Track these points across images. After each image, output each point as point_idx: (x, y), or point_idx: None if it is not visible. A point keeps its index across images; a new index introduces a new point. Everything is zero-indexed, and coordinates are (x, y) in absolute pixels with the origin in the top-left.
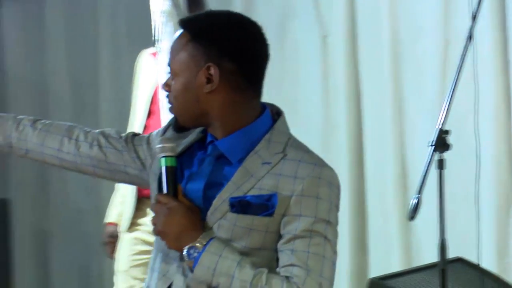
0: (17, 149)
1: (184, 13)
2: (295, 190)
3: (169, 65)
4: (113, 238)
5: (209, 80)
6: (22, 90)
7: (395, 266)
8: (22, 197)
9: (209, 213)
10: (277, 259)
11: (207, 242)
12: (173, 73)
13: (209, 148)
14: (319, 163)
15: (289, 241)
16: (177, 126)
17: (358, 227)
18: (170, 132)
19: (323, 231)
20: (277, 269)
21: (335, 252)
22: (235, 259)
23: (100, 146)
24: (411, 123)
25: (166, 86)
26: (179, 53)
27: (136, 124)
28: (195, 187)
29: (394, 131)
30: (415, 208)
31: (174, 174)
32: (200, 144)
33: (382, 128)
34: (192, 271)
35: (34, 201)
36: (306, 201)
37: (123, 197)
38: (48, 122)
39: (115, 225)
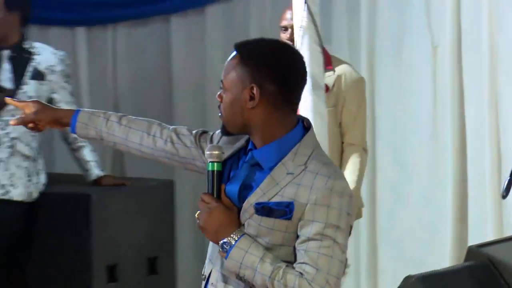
0: (106, 141)
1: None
2: (310, 199)
3: (221, 80)
4: None
5: (251, 97)
6: (185, 94)
7: (490, 237)
8: (186, 179)
9: (240, 213)
10: (295, 254)
11: (238, 239)
12: (224, 88)
13: (248, 155)
14: (333, 176)
15: (303, 242)
16: (225, 132)
17: (460, 203)
18: (218, 137)
19: (333, 235)
20: (294, 265)
21: (343, 252)
22: (259, 256)
23: (172, 142)
24: (505, 119)
25: (219, 97)
26: (230, 72)
27: None
28: (233, 188)
29: (491, 126)
30: (508, 188)
31: (218, 177)
32: (245, 150)
33: (481, 123)
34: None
35: (195, 183)
36: (318, 209)
37: None
38: (132, 118)
39: None
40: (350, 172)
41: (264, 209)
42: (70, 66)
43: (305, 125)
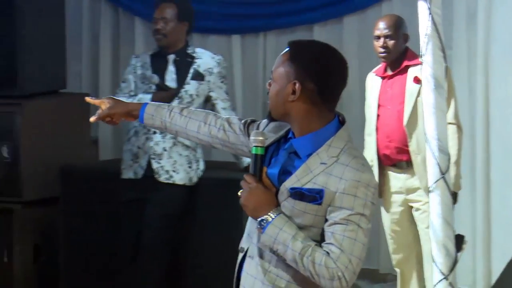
0: (169, 130)
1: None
2: (339, 188)
3: (272, 71)
4: None
5: (293, 92)
6: None
7: None
8: None
9: (278, 194)
10: (323, 235)
11: (275, 217)
12: (273, 79)
13: (288, 143)
14: (361, 169)
15: (330, 225)
16: (270, 117)
17: None
18: (264, 125)
19: (357, 221)
20: (322, 244)
21: (366, 236)
22: (291, 234)
23: (224, 130)
24: None
25: (268, 85)
26: (279, 66)
27: (370, 117)
28: (273, 172)
29: None
30: None
31: (260, 160)
32: (286, 138)
33: None
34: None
35: None
36: (346, 198)
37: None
38: (192, 110)
39: None
40: (450, 147)
41: (297, 194)
42: (226, 69)
43: (340, 120)
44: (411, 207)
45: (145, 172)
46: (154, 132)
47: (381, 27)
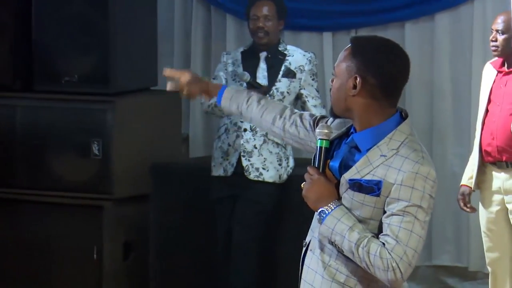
0: (244, 116)
1: None
2: (397, 179)
3: (334, 67)
4: (463, 196)
5: (354, 86)
6: (416, 92)
7: None
8: None
9: (338, 186)
10: (381, 229)
11: (334, 208)
12: (335, 74)
13: (349, 137)
14: (420, 161)
15: (387, 216)
16: (332, 113)
17: None
18: (331, 121)
19: (414, 213)
20: (379, 236)
21: (423, 228)
22: (348, 225)
23: (296, 125)
24: None
25: (332, 81)
26: (341, 62)
27: (480, 109)
28: (334, 164)
29: None
30: None
31: (325, 153)
32: (349, 134)
33: None
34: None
35: None
36: (404, 189)
37: (473, 164)
38: (269, 100)
39: (466, 186)
40: None
41: (355, 185)
42: (317, 66)
43: (403, 115)
44: (508, 208)
45: (235, 170)
46: (245, 130)
47: (498, 21)
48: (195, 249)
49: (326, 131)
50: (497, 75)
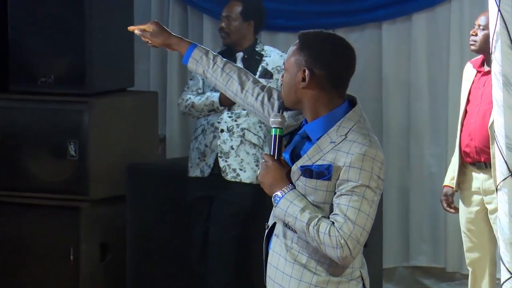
0: (209, 80)
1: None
2: (346, 162)
3: (284, 62)
4: (446, 197)
5: (303, 79)
6: (393, 92)
7: None
8: (392, 163)
9: (291, 175)
10: None
11: (287, 192)
12: (285, 69)
13: (301, 129)
14: (367, 144)
15: (337, 197)
16: (283, 107)
17: None
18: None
19: (362, 192)
20: (330, 216)
21: (371, 207)
22: (300, 206)
23: (262, 102)
24: None
25: (282, 77)
26: (290, 56)
27: (460, 110)
28: (285, 156)
29: None
30: None
31: (279, 141)
32: (300, 126)
33: None
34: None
35: (400, 166)
36: (352, 171)
37: (454, 165)
38: (232, 67)
39: (448, 187)
40: None
41: (306, 171)
42: None
43: (353, 104)
44: (487, 208)
45: (212, 171)
46: (222, 131)
47: (481, 16)
48: (172, 250)
49: (279, 119)
50: (476, 75)
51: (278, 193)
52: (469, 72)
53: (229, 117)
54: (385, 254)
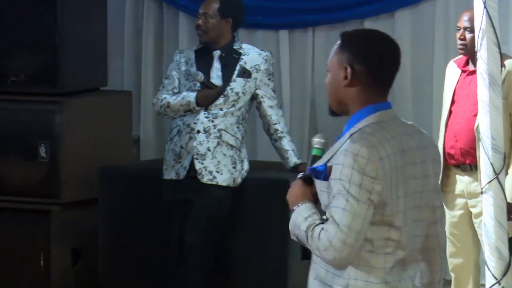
0: None
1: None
2: (333, 160)
3: (327, 62)
4: None
5: (346, 77)
6: None
7: None
8: None
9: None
10: None
11: (299, 206)
12: (328, 70)
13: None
14: (355, 140)
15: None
16: (331, 111)
17: None
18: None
19: (346, 190)
20: None
21: (358, 206)
22: (304, 216)
23: None
24: None
25: (327, 79)
26: (332, 56)
27: (444, 110)
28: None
29: None
30: None
31: (313, 160)
32: None
33: None
34: None
35: None
36: (336, 168)
37: None
38: None
39: None
40: None
41: (313, 172)
42: (273, 65)
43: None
44: (472, 212)
45: (187, 173)
46: (198, 132)
47: (464, 18)
48: (147, 254)
49: (323, 140)
50: (461, 75)
51: (294, 207)
52: (453, 71)
53: (206, 117)
54: None
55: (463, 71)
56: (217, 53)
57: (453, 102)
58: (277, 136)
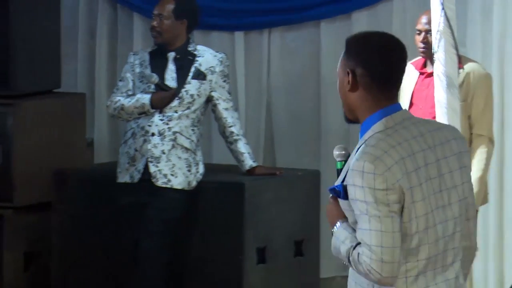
0: None
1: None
2: (347, 179)
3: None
4: None
5: (349, 81)
6: (332, 92)
7: None
8: (331, 169)
9: None
10: None
11: (336, 229)
12: (337, 75)
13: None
14: (358, 156)
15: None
16: (346, 119)
17: None
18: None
19: (365, 210)
20: None
21: (381, 222)
22: (341, 240)
23: None
24: None
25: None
26: (340, 61)
27: None
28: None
29: None
30: None
31: (338, 175)
32: None
33: None
34: None
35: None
36: (350, 189)
37: None
38: None
39: None
40: (477, 161)
41: (333, 192)
42: (228, 67)
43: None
44: None
45: (142, 176)
46: (153, 134)
47: (423, 21)
48: (101, 258)
49: (343, 152)
50: (419, 77)
51: (333, 230)
52: (410, 73)
53: (161, 120)
54: (323, 264)
55: (421, 73)
56: (171, 55)
57: (411, 104)
58: (232, 139)
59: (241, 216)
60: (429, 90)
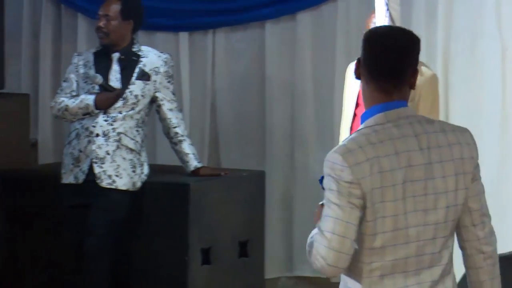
0: None
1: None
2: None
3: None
4: None
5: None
6: (277, 93)
7: None
8: (276, 170)
9: None
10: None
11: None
12: None
13: None
14: (335, 149)
15: None
16: None
17: None
18: None
19: (328, 198)
20: None
21: (340, 209)
22: (310, 236)
23: None
24: None
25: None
26: None
27: (347, 114)
28: None
29: None
30: None
31: None
32: None
33: None
34: None
35: (286, 174)
36: (324, 179)
37: None
38: None
39: None
40: None
41: (320, 182)
42: (173, 68)
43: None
44: None
45: (86, 177)
46: (97, 135)
47: (374, 20)
48: (45, 260)
49: None
50: None
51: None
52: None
53: (105, 120)
54: (268, 264)
55: None
56: (116, 56)
57: (357, 105)
58: (177, 140)
59: (186, 217)
60: None
